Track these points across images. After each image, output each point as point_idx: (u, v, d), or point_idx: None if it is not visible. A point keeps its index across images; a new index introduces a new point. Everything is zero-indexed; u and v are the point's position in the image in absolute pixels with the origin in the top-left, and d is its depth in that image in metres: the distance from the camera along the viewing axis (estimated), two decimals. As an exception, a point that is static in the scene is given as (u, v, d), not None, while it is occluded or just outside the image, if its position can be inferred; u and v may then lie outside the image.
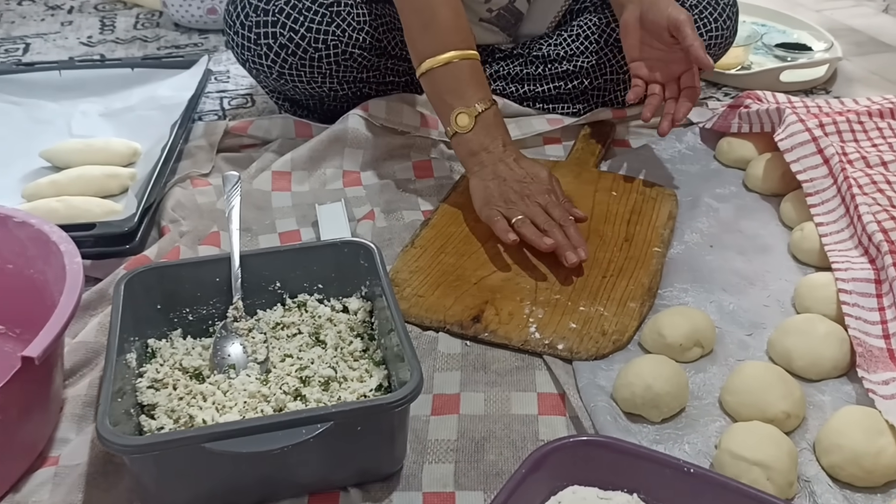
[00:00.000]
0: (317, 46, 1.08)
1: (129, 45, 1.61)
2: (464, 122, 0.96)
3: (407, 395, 0.64)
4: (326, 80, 1.12)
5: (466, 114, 0.96)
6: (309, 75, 1.10)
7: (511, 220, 0.92)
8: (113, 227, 0.94)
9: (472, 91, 0.97)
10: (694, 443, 0.72)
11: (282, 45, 1.07)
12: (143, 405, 0.72)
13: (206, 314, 0.80)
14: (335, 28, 1.07)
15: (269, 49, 1.08)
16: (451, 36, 0.97)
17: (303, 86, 1.12)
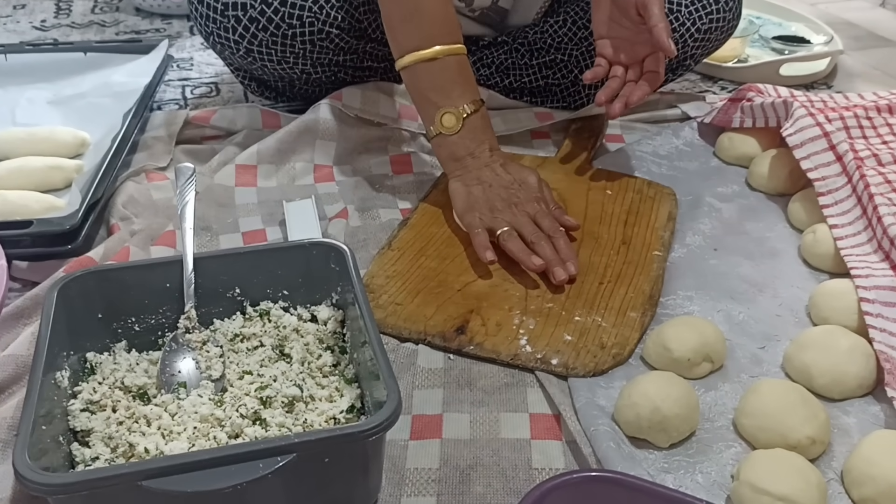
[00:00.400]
0: (290, 22, 0.98)
1: (85, 29, 1.50)
2: (450, 123, 0.88)
3: (382, 423, 0.55)
4: (299, 61, 1.02)
5: (453, 115, 0.88)
6: (280, 54, 1.01)
7: (496, 231, 0.84)
8: (53, 225, 0.84)
9: (459, 90, 0.89)
10: (708, 472, 0.64)
11: (252, 18, 0.98)
12: (76, 431, 0.62)
13: (154, 324, 0.71)
14: (312, 3, 0.98)
15: (238, 22, 0.98)
16: (437, 28, 0.89)
17: (272, 65, 1.03)
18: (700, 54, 1.13)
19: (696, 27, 1.09)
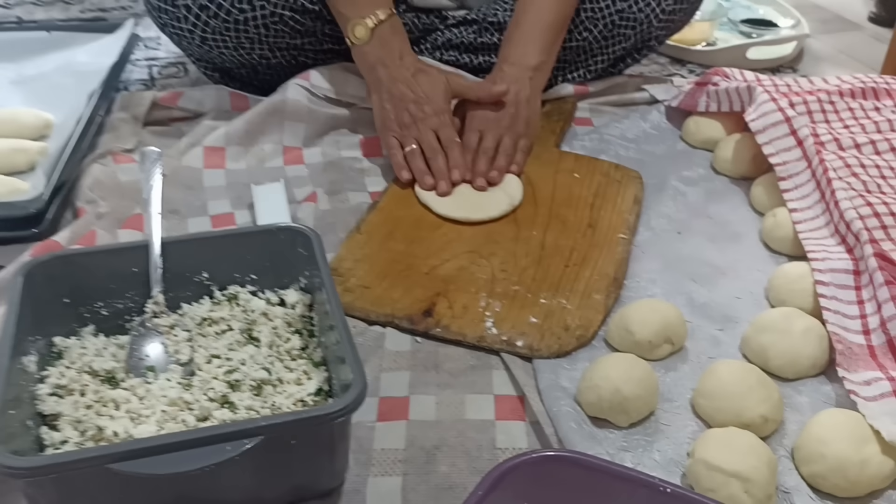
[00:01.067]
0: (241, 7, 0.98)
1: (49, 7, 1.48)
2: (360, 33, 0.95)
3: (348, 406, 0.56)
4: (255, 47, 1.02)
5: (362, 25, 0.94)
6: (235, 40, 1.01)
7: (405, 147, 0.94)
8: (17, 209, 0.84)
9: (367, 1, 0.94)
10: (664, 450, 0.66)
11: (202, 5, 0.98)
12: (44, 415, 0.62)
13: (122, 309, 0.71)
14: None
15: (188, 10, 0.98)
16: None
17: (229, 52, 1.02)
18: (664, 35, 1.15)
19: (661, 7, 1.10)
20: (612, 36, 1.12)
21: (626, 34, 1.12)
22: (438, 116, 0.95)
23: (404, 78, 0.95)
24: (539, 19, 1.00)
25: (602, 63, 1.16)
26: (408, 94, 0.94)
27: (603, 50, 1.14)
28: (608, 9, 1.10)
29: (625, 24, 1.11)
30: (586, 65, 1.16)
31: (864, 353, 0.72)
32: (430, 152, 0.94)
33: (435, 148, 0.94)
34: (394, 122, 0.95)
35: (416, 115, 0.94)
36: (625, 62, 1.19)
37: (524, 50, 1.00)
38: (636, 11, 1.10)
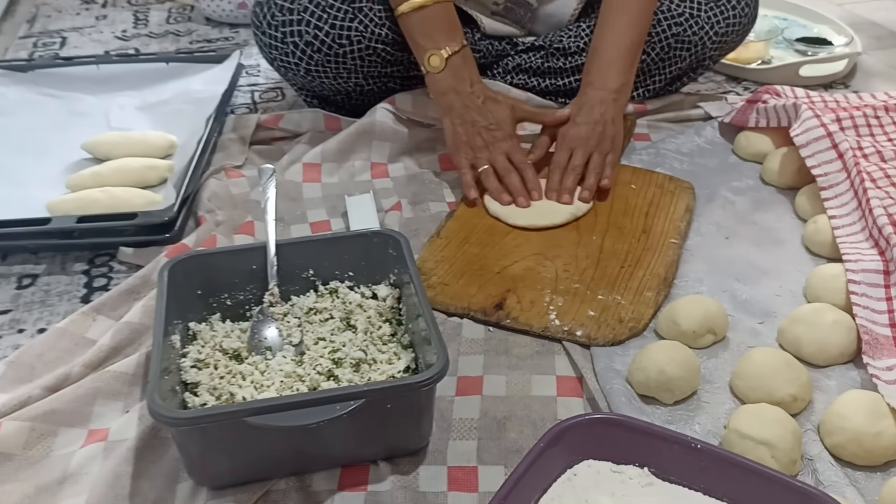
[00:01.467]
0: (341, 42, 1.12)
1: (162, 39, 1.66)
2: (435, 63, 1.05)
3: (433, 376, 0.68)
4: (352, 76, 1.16)
5: (437, 55, 1.05)
6: (334, 71, 1.15)
7: (478, 168, 1.06)
8: (153, 217, 0.99)
9: (443, 34, 1.06)
10: (704, 423, 0.76)
11: (307, 42, 1.12)
12: (186, 383, 0.76)
13: (243, 299, 0.85)
14: (357, 24, 1.11)
15: (296, 47, 1.13)
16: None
17: (329, 81, 1.17)
18: (717, 55, 1.24)
19: (714, 30, 1.20)
20: (668, 57, 1.22)
21: (682, 55, 1.22)
22: (508, 140, 1.06)
23: (475, 104, 1.06)
24: (616, 45, 1.09)
25: (660, 82, 1.26)
26: (479, 120, 1.06)
27: (660, 70, 1.24)
28: (664, 32, 1.20)
29: (680, 46, 1.21)
30: (645, 84, 1.26)
31: (889, 343, 0.80)
32: (504, 172, 1.05)
33: (508, 168, 1.05)
34: (466, 144, 1.06)
35: (488, 140, 1.06)
36: (681, 81, 1.29)
37: (605, 74, 1.09)
38: (691, 35, 1.20)
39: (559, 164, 1.07)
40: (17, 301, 0.95)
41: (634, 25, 1.10)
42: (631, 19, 1.09)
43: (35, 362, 0.83)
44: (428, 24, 1.06)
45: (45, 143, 1.21)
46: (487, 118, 1.06)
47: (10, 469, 0.73)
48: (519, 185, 1.04)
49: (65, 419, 0.77)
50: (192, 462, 0.70)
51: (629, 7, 1.09)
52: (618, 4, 1.09)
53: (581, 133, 1.07)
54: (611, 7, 1.10)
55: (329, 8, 1.11)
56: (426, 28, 1.06)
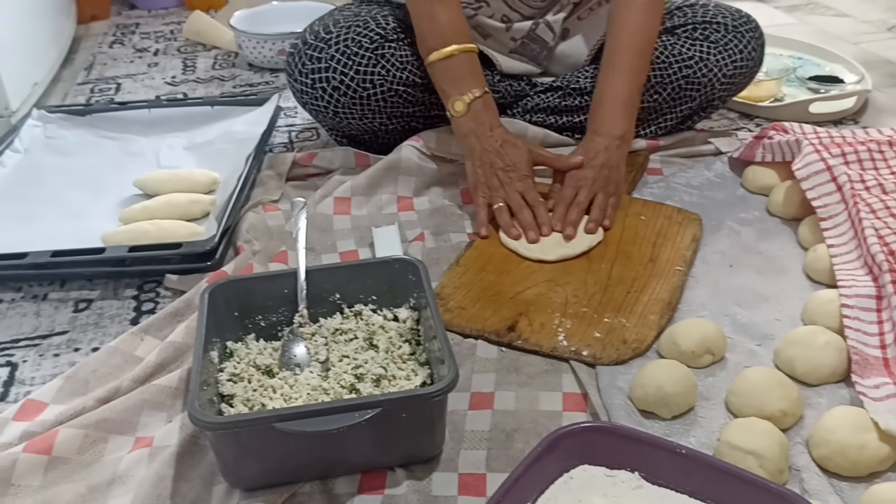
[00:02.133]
0: (365, 86, 1.22)
1: (208, 83, 1.78)
2: (459, 108, 1.14)
3: (444, 388, 0.75)
4: (376, 116, 1.25)
5: (461, 101, 1.13)
6: (360, 112, 1.24)
7: (493, 206, 1.13)
8: (196, 247, 1.08)
9: (466, 81, 1.14)
10: (699, 436, 0.81)
11: (335, 87, 1.22)
12: (223, 395, 0.84)
13: (275, 321, 0.93)
14: (380, 69, 1.21)
15: (324, 91, 1.23)
16: (450, 32, 1.15)
17: (356, 122, 1.26)
18: (726, 96, 1.31)
19: (723, 73, 1.27)
20: (679, 98, 1.29)
21: (692, 96, 1.29)
22: (524, 181, 1.13)
23: (494, 148, 1.13)
24: (618, 94, 1.17)
25: (671, 121, 1.33)
26: (497, 162, 1.13)
27: (671, 110, 1.31)
28: (675, 74, 1.27)
29: (690, 87, 1.28)
30: (657, 122, 1.33)
31: (878, 363, 0.85)
32: (516, 208, 1.12)
33: (521, 204, 1.12)
34: (484, 184, 1.14)
35: (504, 180, 1.13)
36: (692, 119, 1.35)
37: (610, 123, 1.17)
38: (700, 76, 1.27)
39: (565, 200, 1.14)
40: (74, 323, 1.05)
41: (633, 75, 1.18)
42: (629, 69, 1.17)
43: (89, 377, 0.92)
44: (453, 73, 1.15)
45: (102, 180, 1.32)
46: (505, 160, 1.13)
47: (65, 471, 0.81)
48: (530, 221, 1.11)
49: (115, 427, 0.85)
50: (227, 466, 0.78)
51: (626, 58, 1.17)
52: (617, 57, 1.17)
53: (587, 175, 1.14)
54: (611, 60, 1.18)
55: (354, 56, 1.21)
56: (452, 76, 1.15)
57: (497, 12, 1.28)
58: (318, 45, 1.23)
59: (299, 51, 1.24)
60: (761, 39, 1.31)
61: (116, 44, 2.04)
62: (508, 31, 1.30)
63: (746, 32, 1.28)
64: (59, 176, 1.33)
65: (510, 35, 1.30)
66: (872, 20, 1.98)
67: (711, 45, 1.27)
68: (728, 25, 1.28)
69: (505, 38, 1.31)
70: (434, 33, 1.16)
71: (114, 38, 2.09)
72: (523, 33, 1.30)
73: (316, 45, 1.23)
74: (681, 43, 1.28)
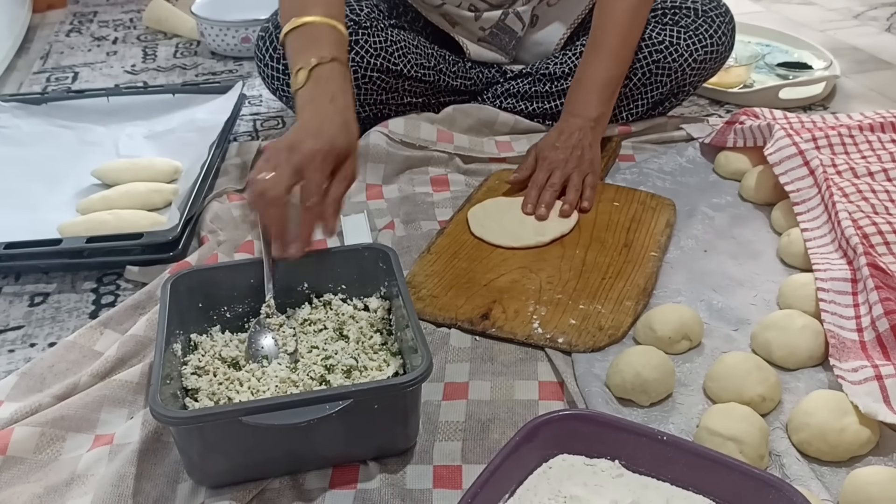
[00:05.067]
0: None
1: (169, 72, 1.73)
2: (300, 77, 0.91)
3: (417, 377, 0.73)
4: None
5: (304, 69, 0.91)
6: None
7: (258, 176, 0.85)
8: (158, 237, 1.05)
9: (316, 49, 0.92)
10: (678, 423, 0.80)
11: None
12: (187, 389, 0.81)
13: (241, 312, 0.90)
14: (354, 55, 1.17)
15: None
16: (315, 2, 0.94)
17: None
18: (697, 81, 1.30)
19: (693, 58, 1.26)
20: (649, 83, 1.28)
21: (663, 81, 1.28)
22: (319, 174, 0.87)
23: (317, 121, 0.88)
24: (598, 78, 1.16)
25: (642, 107, 1.32)
26: (307, 142, 0.85)
27: (642, 95, 1.30)
28: (646, 59, 1.26)
29: (661, 72, 1.27)
30: (628, 109, 1.32)
31: (855, 347, 0.84)
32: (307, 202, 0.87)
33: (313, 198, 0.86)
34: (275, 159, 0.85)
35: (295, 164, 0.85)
36: (663, 105, 1.34)
37: (585, 104, 1.16)
38: (671, 62, 1.26)
39: (537, 183, 1.12)
40: (30, 317, 1.00)
41: (615, 61, 1.16)
42: (612, 55, 1.15)
43: (45, 373, 0.88)
44: (306, 40, 0.93)
45: (58, 170, 1.27)
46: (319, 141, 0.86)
47: (21, 471, 0.77)
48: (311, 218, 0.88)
49: (73, 425, 0.81)
50: (192, 462, 0.75)
51: (611, 43, 1.15)
52: (601, 41, 1.15)
53: (559, 156, 1.13)
54: (594, 43, 1.16)
55: None
56: (303, 44, 0.93)
57: (465, 1, 1.25)
58: None
59: (270, 34, 1.20)
60: (732, 24, 1.30)
61: (74, 32, 1.98)
62: (477, 20, 1.27)
63: (717, 17, 1.27)
64: (12, 166, 1.27)
65: (479, 24, 1.28)
66: (838, 8, 2.00)
67: (682, 30, 1.26)
68: (698, 10, 1.27)
69: (474, 27, 1.28)
70: (292, 1, 0.96)
71: (71, 26, 2.03)
72: (492, 23, 1.28)
73: None
74: (650, 27, 1.26)
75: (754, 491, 0.64)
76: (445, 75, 1.30)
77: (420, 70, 1.25)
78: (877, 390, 0.77)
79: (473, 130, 1.30)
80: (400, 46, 1.22)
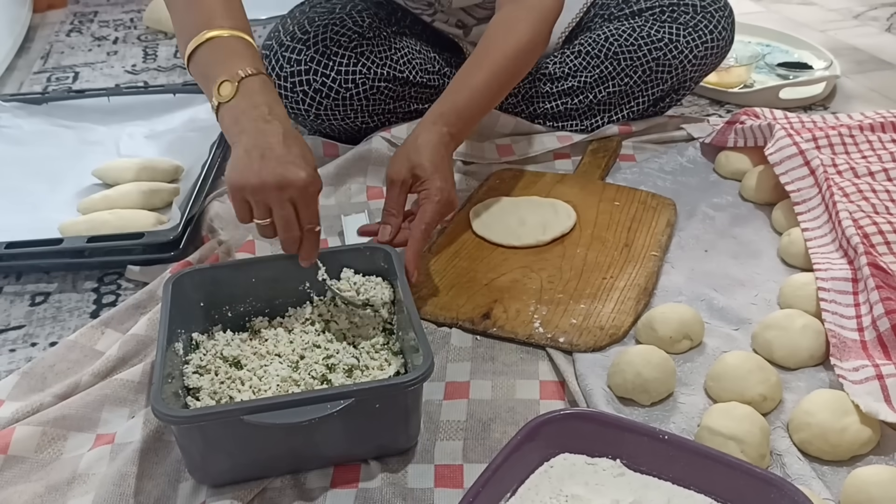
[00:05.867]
0: (347, 86, 1.18)
1: (169, 72, 1.73)
2: (225, 91, 0.84)
3: (418, 377, 0.73)
4: (358, 115, 1.22)
5: (229, 82, 0.84)
6: (342, 113, 1.21)
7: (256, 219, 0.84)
8: (159, 236, 1.05)
9: (235, 61, 0.85)
10: (679, 423, 0.80)
11: (316, 89, 1.18)
12: (189, 388, 0.81)
13: (242, 311, 0.90)
14: (361, 67, 1.18)
15: (305, 95, 1.19)
16: (217, 13, 0.87)
17: (338, 123, 1.23)
18: (697, 77, 1.30)
19: (693, 54, 1.26)
20: (650, 80, 1.28)
21: (663, 78, 1.28)
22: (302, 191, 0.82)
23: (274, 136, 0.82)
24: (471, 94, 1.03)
25: (642, 104, 1.32)
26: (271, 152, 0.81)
27: (643, 93, 1.30)
28: (645, 57, 1.26)
29: (661, 69, 1.27)
30: (629, 106, 1.32)
31: (856, 346, 0.84)
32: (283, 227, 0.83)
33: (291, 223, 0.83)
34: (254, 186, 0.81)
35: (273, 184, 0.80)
36: (664, 102, 1.34)
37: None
38: (671, 58, 1.26)
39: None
40: (31, 317, 1.00)
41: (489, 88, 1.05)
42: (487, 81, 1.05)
43: (47, 373, 0.88)
44: (222, 53, 0.86)
45: (59, 170, 1.27)
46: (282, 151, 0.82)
47: (22, 470, 0.77)
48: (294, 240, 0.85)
49: (74, 424, 0.81)
50: (194, 461, 0.75)
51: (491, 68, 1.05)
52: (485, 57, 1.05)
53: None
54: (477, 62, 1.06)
55: (333, 55, 1.17)
56: (219, 56, 0.86)
57: (452, 18, 1.25)
58: (294, 45, 1.19)
59: (275, 52, 1.20)
60: (731, 18, 1.30)
61: (74, 32, 1.98)
62: (467, 35, 1.28)
63: (716, 12, 1.27)
64: (13, 166, 1.28)
65: (469, 40, 1.28)
66: (838, 8, 2.00)
67: (681, 27, 1.26)
68: (697, 6, 1.27)
69: (464, 44, 1.29)
70: (196, 13, 0.88)
71: (71, 26, 2.03)
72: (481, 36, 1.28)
73: (293, 46, 1.19)
74: (649, 25, 1.27)
75: (755, 490, 0.64)
76: (450, 78, 1.29)
77: (426, 75, 1.26)
78: (878, 390, 0.77)
79: (474, 134, 1.30)
80: (404, 53, 1.23)
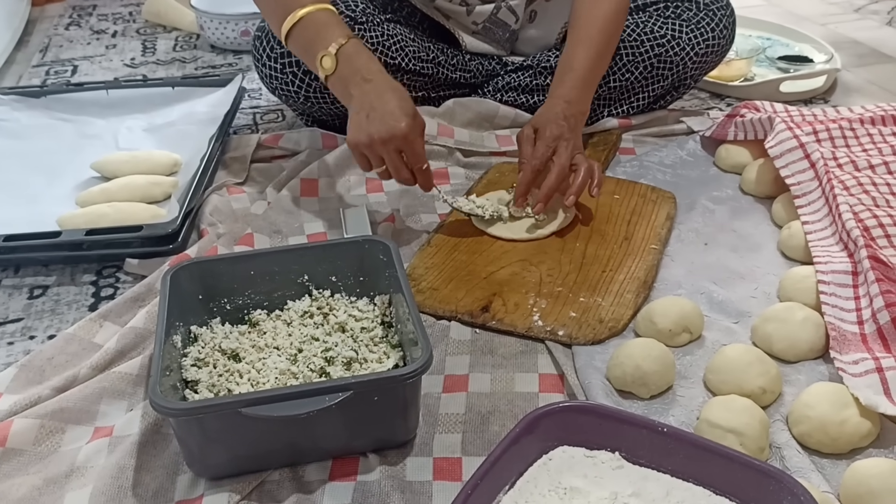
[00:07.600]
0: None
1: (168, 65, 1.73)
2: (328, 64, 0.99)
3: (417, 369, 0.73)
4: None
5: (328, 55, 0.98)
6: (332, 96, 1.20)
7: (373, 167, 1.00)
8: (158, 229, 1.04)
9: (327, 33, 0.99)
10: (678, 415, 0.79)
11: (305, 71, 1.18)
12: (187, 381, 0.81)
13: (241, 304, 0.90)
14: None
15: (295, 76, 1.19)
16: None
17: (327, 106, 1.22)
18: (698, 74, 1.30)
19: (695, 51, 1.25)
20: (651, 76, 1.28)
21: (664, 74, 1.28)
22: (406, 138, 0.97)
23: (376, 93, 0.97)
24: (585, 69, 1.10)
25: (643, 100, 1.31)
26: (376, 110, 0.97)
27: (643, 89, 1.29)
28: (647, 53, 1.26)
29: (662, 66, 1.27)
30: (629, 101, 1.31)
31: (856, 339, 0.84)
32: (395, 173, 1.00)
33: (399, 168, 0.99)
34: (366, 144, 0.98)
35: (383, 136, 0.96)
36: (665, 99, 1.34)
37: (571, 92, 1.09)
38: (672, 55, 1.26)
39: (538, 155, 1.04)
40: (29, 310, 1.00)
41: (600, 56, 1.11)
42: (596, 50, 1.11)
43: (45, 365, 0.88)
44: (313, 29, 1.00)
45: (58, 163, 1.27)
46: (385, 107, 0.97)
47: (20, 463, 0.77)
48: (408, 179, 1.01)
49: (72, 417, 0.81)
50: (192, 454, 0.74)
51: (597, 39, 1.11)
52: (586, 36, 1.11)
53: (559, 132, 1.05)
54: (578, 37, 1.12)
55: None
56: (312, 33, 1.00)
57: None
58: None
59: (266, 34, 1.20)
60: (732, 17, 1.30)
61: (73, 25, 1.98)
62: (469, 14, 1.27)
63: (718, 10, 1.27)
64: (11, 159, 1.27)
65: (471, 19, 1.28)
66: (839, 1, 1.99)
67: (683, 24, 1.26)
68: (700, 3, 1.27)
69: (466, 21, 1.28)
70: (282, 2, 1.01)
71: (70, 19, 2.02)
72: (485, 17, 1.27)
73: None
74: (652, 21, 1.26)
75: (755, 482, 0.64)
76: (444, 68, 1.29)
77: (419, 63, 1.25)
78: (877, 382, 0.77)
79: (473, 124, 1.30)
80: (397, 40, 1.22)
